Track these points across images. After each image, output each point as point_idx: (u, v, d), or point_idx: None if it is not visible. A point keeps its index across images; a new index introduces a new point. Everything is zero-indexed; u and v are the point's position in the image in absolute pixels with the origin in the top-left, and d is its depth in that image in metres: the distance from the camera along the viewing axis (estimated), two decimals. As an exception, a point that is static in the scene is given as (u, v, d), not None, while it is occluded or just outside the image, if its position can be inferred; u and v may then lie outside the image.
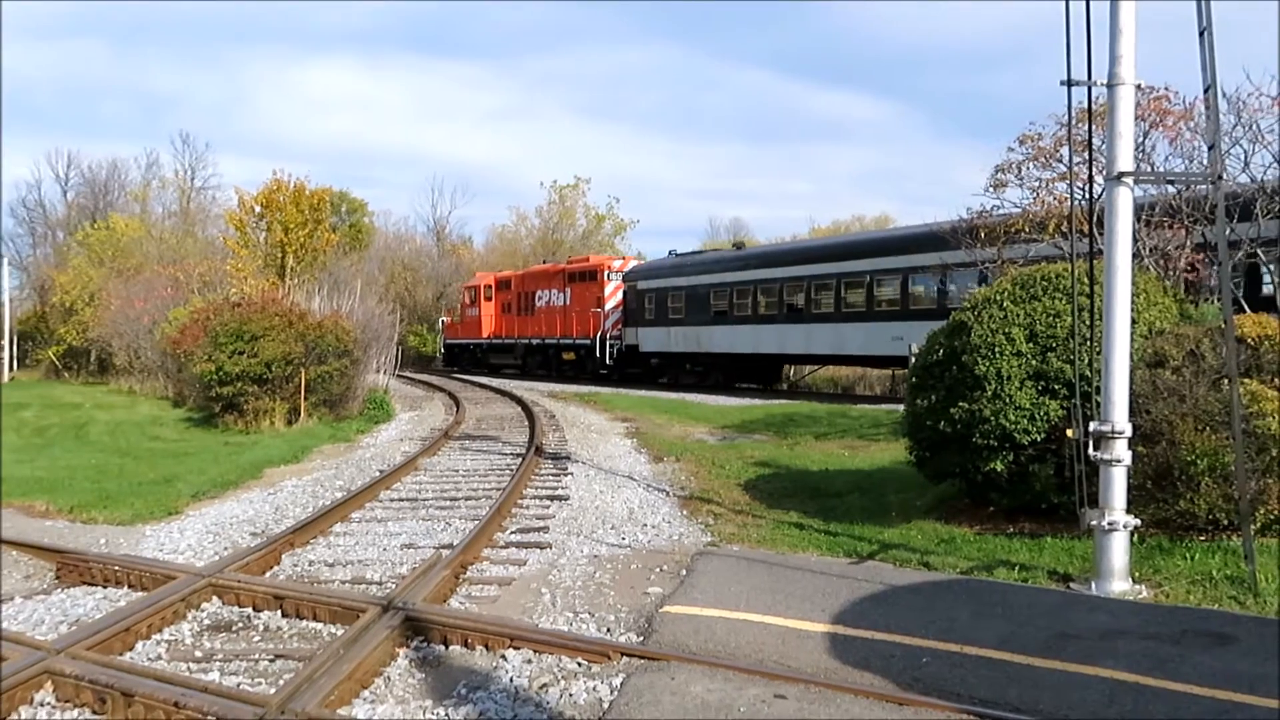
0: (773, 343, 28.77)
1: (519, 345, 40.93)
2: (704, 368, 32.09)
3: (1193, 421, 7.53)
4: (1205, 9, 6.56)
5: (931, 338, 9.95)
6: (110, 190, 63.05)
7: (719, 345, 30.67)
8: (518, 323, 40.89)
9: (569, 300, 37.27)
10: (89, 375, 38.44)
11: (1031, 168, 14.14)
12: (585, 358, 36.32)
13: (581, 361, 36.75)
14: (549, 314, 38.58)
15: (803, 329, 27.43)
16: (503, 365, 42.59)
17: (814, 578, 7.17)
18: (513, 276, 42.68)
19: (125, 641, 5.91)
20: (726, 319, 30.23)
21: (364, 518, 10.10)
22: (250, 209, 34.36)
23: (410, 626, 6.00)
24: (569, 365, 37.70)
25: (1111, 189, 6.93)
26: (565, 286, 37.70)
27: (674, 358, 33.06)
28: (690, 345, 31.77)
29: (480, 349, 44.41)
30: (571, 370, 37.53)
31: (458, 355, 46.99)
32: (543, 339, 39.03)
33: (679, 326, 32.24)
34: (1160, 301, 8.99)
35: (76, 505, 10.90)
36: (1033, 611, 6.21)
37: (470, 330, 44.65)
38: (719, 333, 30.58)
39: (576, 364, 37.16)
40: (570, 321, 37.05)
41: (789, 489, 11.63)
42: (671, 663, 5.41)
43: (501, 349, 42.65)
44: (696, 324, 31.45)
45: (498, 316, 42.73)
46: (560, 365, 38.16)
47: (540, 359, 39.89)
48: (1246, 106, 11.65)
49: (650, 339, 33.72)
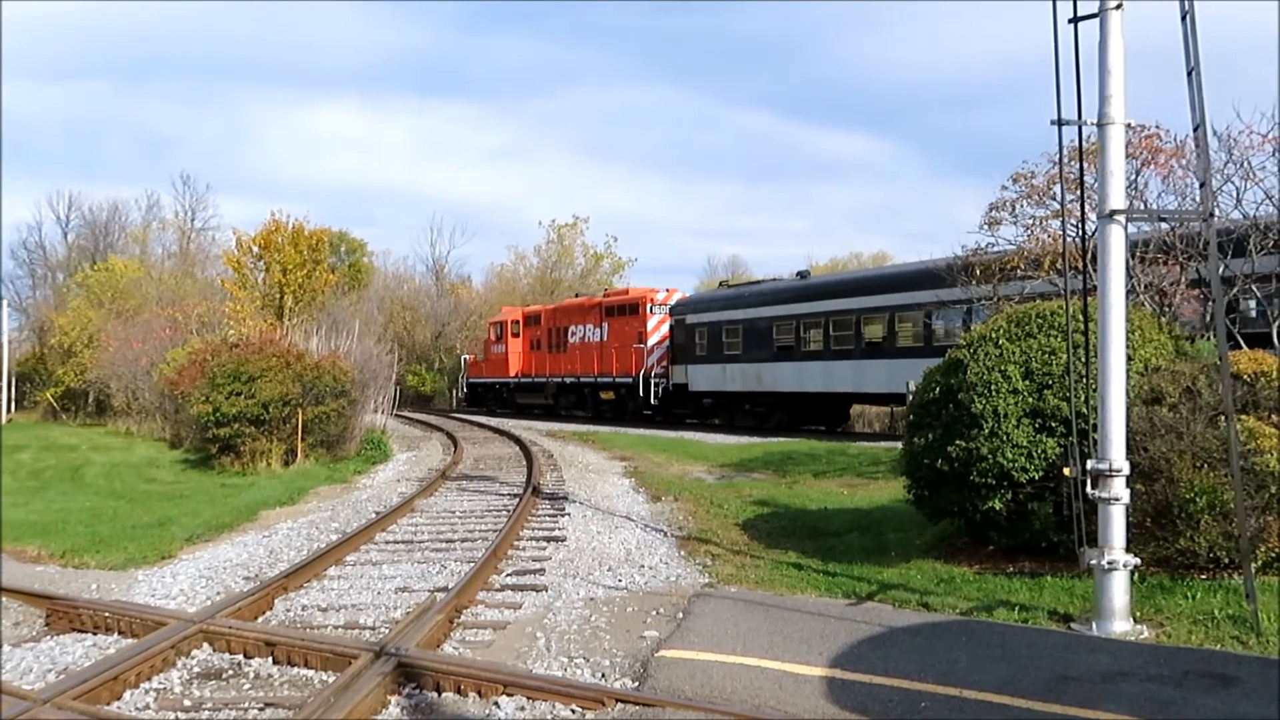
0: (847, 380, 25.64)
1: (550, 384, 38.19)
2: (765, 408, 28.91)
3: (1191, 459, 7.49)
4: (1193, 49, 6.62)
5: (928, 375, 9.94)
6: (110, 232, 63.38)
7: (783, 384, 27.66)
8: (549, 360, 38.24)
9: (606, 336, 34.82)
10: (87, 417, 38.33)
11: (1025, 205, 14.23)
12: (626, 397, 33.74)
13: (622, 401, 34.18)
14: (584, 351, 36.07)
15: (883, 364, 24.01)
16: (532, 405, 39.86)
17: (812, 619, 7.09)
18: (542, 311, 40.21)
19: (114, 690, 5.83)
20: (792, 354, 27.39)
21: (359, 560, 10.01)
22: (248, 250, 34.46)
23: (403, 673, 5.92)
24: (607, 405, 35.15)
25: (1104, 226, 6.95)
26: (602, 321, 35.19)
27: (730, 397, 30.16)
28: (749, 384, 28.98)
29: (507, 388, 41.82)
30: (610, 411, 35.02)
31: (482, 395, 44.45)
32: (577, 377, 36.43)
33: (736, 363, 29.39)
34: (1156, 338, 8.99)
35: (69, 550, 10.81)
36: (1033, 653, 6.13)
37: (496, 369, 42.13)
38: (783, 370, 27.64)
39: (616, 404, 34.63)
40: (609, 358, 34.40)
41: (787, 528, 11.55)
42: (667, 709, 5.33)
43: (531, 388, 39.93)
44: (757, 360, 28.56)
45: (526, 354, 40.26)
46: (598, 405, 35.70)
47: (574, 398, 37.40)
48: (1237, 144, 11.73)
49: (702, 377, 30.96)
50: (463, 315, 60.56)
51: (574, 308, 38.00)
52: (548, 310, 40.07)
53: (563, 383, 37.42)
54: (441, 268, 70.46)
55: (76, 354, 38.60)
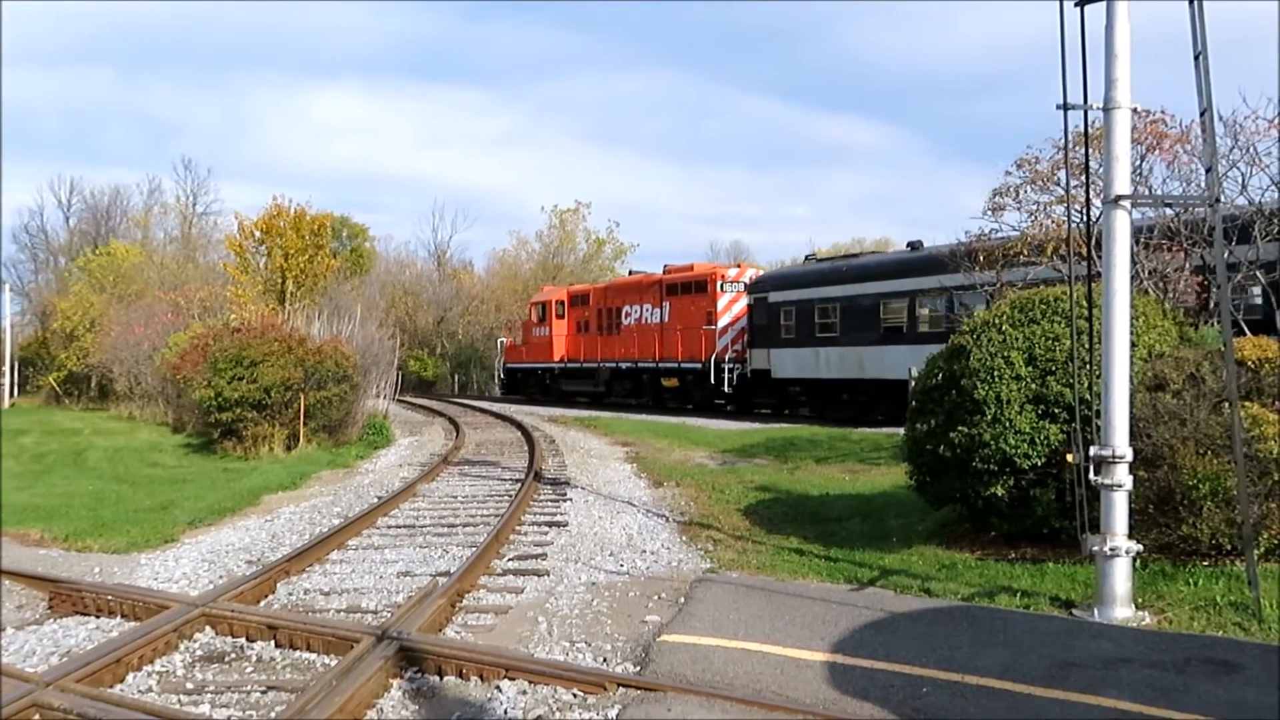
0: None
1: (602, 370, 34.95)
2: (867, 397, 24.82)
3: (1194, 445, 7.48)
4: (1200, 33, 6.56)
5: (931, 362, 9.91)
6: (112, 216, 63.43)
7: (891, 370, 23.21)
8: (600, 343, 34.97)
9: (667, 316, 31.64)
10: (89, 401, 38.38)
11: (1029, 191, 14.17)
12: (692, 384, 30.64)
13: (687, 389, 31.05)
14: (642, 333, 32.87)
15: None
16: (579, 393, 36.87)
17: (813, 605, 7.09)
18: (591, 290, 37.24)
19: (116, 673, 5.84)
20: (903, 336, 23.52)
21: (361, 545, 10.02)
22: (250, 234, 34.41)
23: (405, 656, 5.93)
24: (670, 394, 31.99)
25: (1109, 212, 6.91)
26: (662, 300, 31.97)
27: (823, 385, 26.30)
28: (849, 370, 25.32)
29: (551, 374, 38.38)
30: (674, 399, 31.83)
31: (522, 382, 40.79)
32: (634, 363, 33.16)
33: (833, 347, 25.72)
34: (1160, 324, 8.96)
35: (72, 533, 10.83)
36: (1035, 639, 6.13)
37: (539, 353, 38.71)
38: (892, 354, 23.47)
39: (680, 392, 31.46)
40: (671, 341, 31.16)
41: (789, 514, 11.56)
42: (668, 694, 5.33)
43: (578, 374, 36.55)
44: (858, 343, 24.84)
45: (571, 336, 36.92)
46: (659, 393, 32.51)
47: (630, 385, 34.14)
48: (1243, 129, 11.67)
49: (789, 362, 27.28)
50: (464, 301, 60.53)
51: (628, 286, 34.88)
52: (598, 289, 37.19)
53: (617, 368, 34.29)
54: (443, 253, 70.46)
55: (78, 338, 38.63)
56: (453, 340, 59.77)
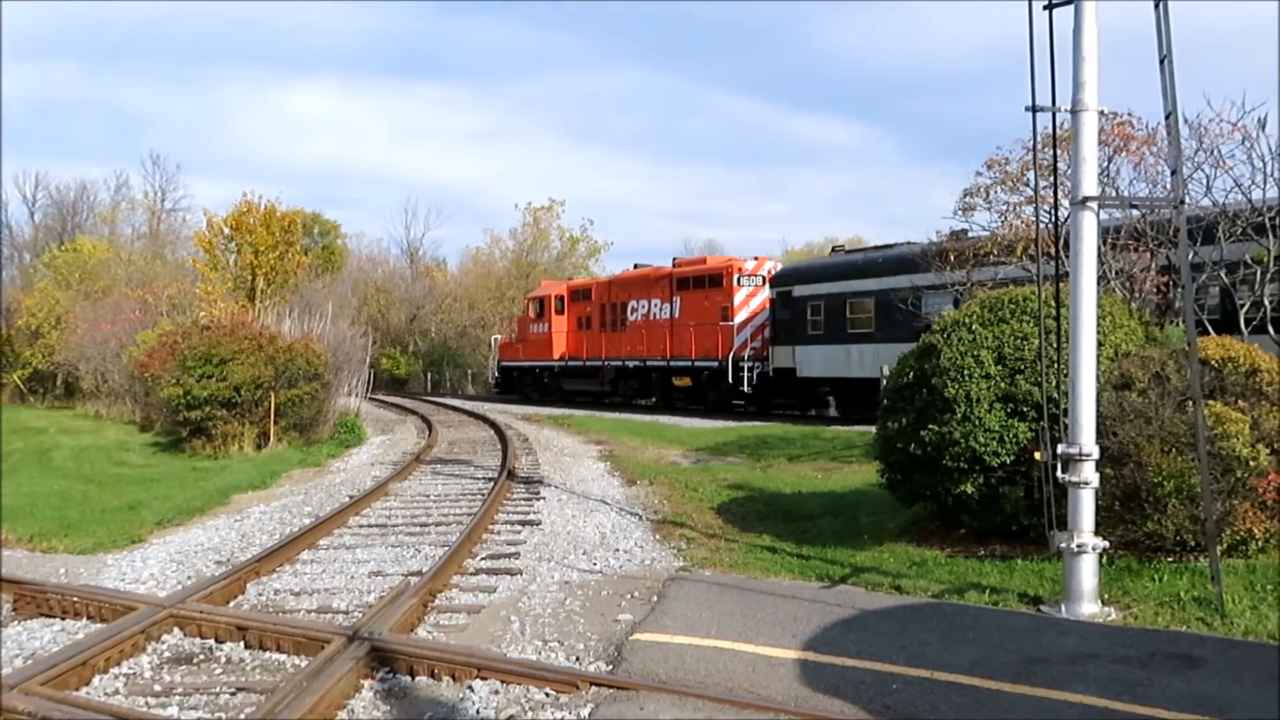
0: None
1: (606, 368, 33.33)
2: None
3: (1159, 443, 7.58)
4: (1166, 37, 6.65)
5: (902, 360, 9.99)
6: (78, 212, 62.60)
7: None
8: (604, 341, 33.33)
9: (678, 312, 30.03)
10: (55, 399, 37.82)
11: (1000, 191, 14.30)
12: (707, 384, 29.11)
13: (701, 389, 29.53)
14: (650, 330, 31.18)
15: None
16: (581, 392, 35.33)
17: (786, 602, 7.13)
18: (593, 285, 35.64)
19: (82, 676, 5.77)
20: None
21: (332, 544, 9.96)
22: (219, 231, 34.05)
23: (376, 657, 5.90)
24: (681, 393, 30.53)
25: (1076, 213, 6.99)
26: (672, 295, 30.37)
27: (855, 385, 24.36)
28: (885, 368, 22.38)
29: (550, 372, 36.60)
30: (686, 399, 30.43)
31: (518, 381, 39.01)
32: (642, 361, 31.46)
33: (866, 344, 24.02)
34: (1126, 324, 9.08)
35: (37, 534, 10.69)
36: (1003, 635, 6.20)
37: (536, 350, 36.93)
38: None
39: (693, 392, 29.96)
40: (683, 338, 29.57)
41: (762, 512, 11.61)
42: (641, 692, 5.35)
43: (581, 372, 34.91)
44: (894, 339, 22.23)
45: (572, 333, 35.28)
46: (669, 393, 31.01)
47: (637, 385, 32.66)
48: (1208, 132, 11.82)
49: (816, 360, 25.69)
50: (437, 298, 60.21)
51: (635, 280, 32.97)
52: (601, 283, 35.39)
53: (623, 366, 32.56)
54: (416, 251, 70.08)
55: (44, 335, 38.05)
56: (425, 338, 59.45)
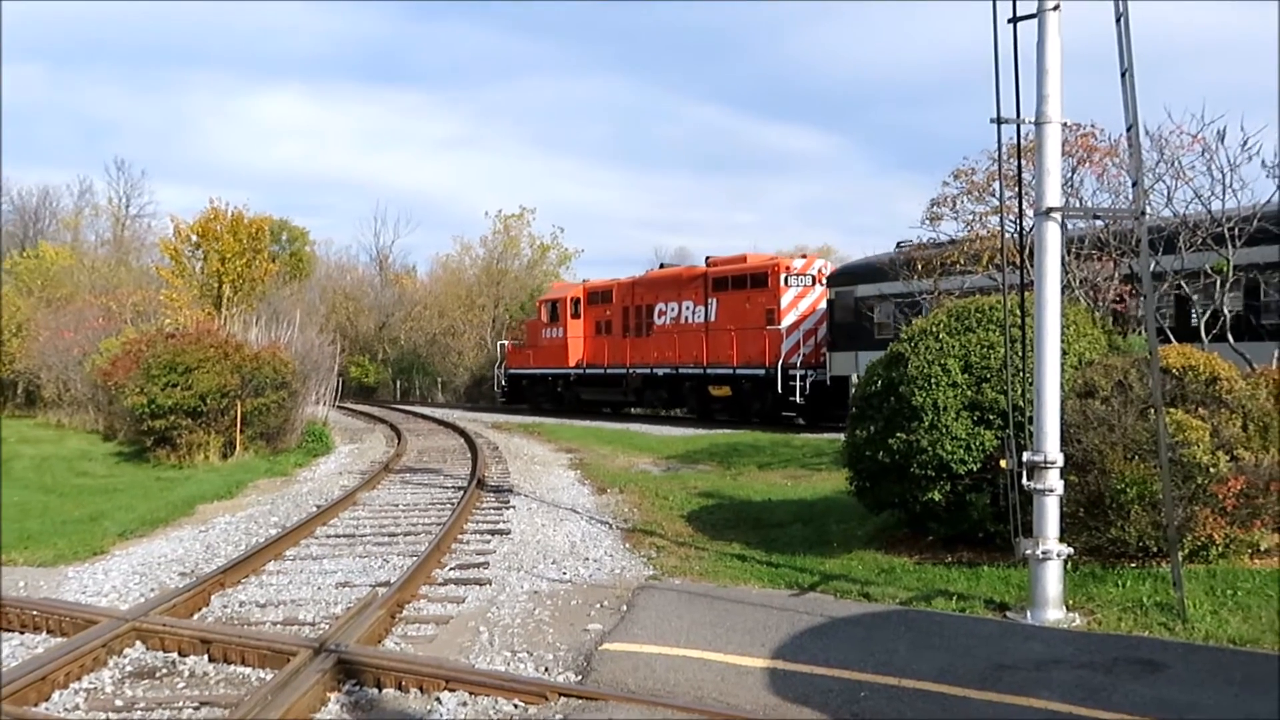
0: None
1: (631, 376, 30.66)
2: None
3: (1122, 450, 7.69)
4: (1127, 51, 6.77)
5: (871, 368, 10.06)
6: (41, 218, 61.69)
7: None
8: (629, 347, 30.69)
9: (715, 315, 27.61)
10: (15, 408, 37.18)
11: (966, 201, 14.47)
12: (750, 393, 26.45)
13: (743, 398, 26.78)
14: (681, 334, 28.66)
15: None
16: (601, 402, 32.86)
17: (755, 611, 7.15)
18: (613, 286, 32.41)
19: (41, 691, 5.66)
20: None
21: (299, 555, 9.86)
22: (186, 238, 33.66)
23: (343, 669, 5.84)
24: (720, 403, 27.83)
25: (1041, 224, 7.08)
26: (708, 297, 27.92)
27: None
28: None
29: (565, 380, 34.13)
30: (725, 410, 27.69)
31: (528, 390, 36.34)
32: (674, 368, 28.88)
33: None
34: (1090, 333, 9.21)
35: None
36: (970, 642, 6.25)
37: (549, 357, 34.29)
38: None
39: (734, 402, 27.19)
40: (722, 343, 27.02)
41: (732, 520, 11.63)
42: (610, 703, 5.33)
43: (600, 381, 32.31)
44: None
45: (590, 338, 32.75)
46: (706, 403, 28.35)
47: (667, 394, 30.01)
48: (1169, 144, 12.03)
49: None
50: (407, 306, 59.85)
51: (663, 281, 30.45)
52: (622, 285, 32.16)
53: (650, 374, 29.97)
54: (385, 258, 69.67)
55: (4, 343, 37.41)
56: (395, 346, 59.05)
